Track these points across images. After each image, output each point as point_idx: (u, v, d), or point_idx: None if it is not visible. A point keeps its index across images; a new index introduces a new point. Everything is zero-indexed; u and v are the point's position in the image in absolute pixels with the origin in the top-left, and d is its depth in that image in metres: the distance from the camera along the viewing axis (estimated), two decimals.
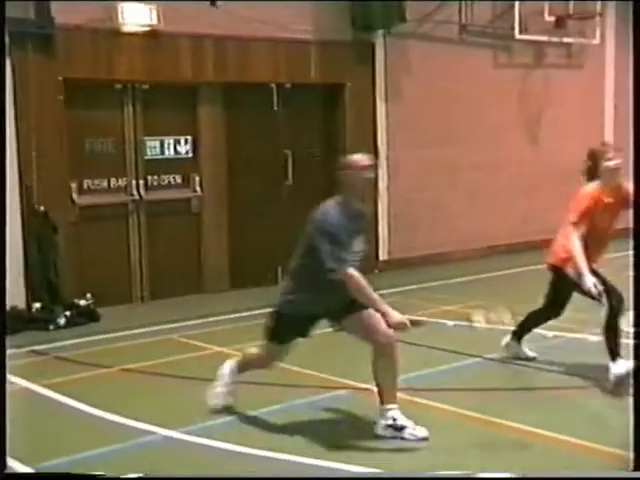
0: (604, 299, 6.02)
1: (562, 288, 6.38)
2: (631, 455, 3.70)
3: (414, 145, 11.53)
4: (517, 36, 12.35)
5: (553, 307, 6.61)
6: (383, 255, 11.47)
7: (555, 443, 5.03)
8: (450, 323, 8.05)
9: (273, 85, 10.65)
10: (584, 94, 13.60)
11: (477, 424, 5.39)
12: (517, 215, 12.70)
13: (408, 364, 6.64)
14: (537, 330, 7.50)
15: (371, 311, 5.04)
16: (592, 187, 6.20)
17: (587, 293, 6.05)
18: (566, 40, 13.03)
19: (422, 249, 11.73)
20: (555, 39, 12.84)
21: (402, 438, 5.06)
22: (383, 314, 4.93)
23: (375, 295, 4.97)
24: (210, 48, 10.00)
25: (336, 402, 5.91)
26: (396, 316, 4.92)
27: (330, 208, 5.05)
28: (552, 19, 12.67)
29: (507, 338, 6.85)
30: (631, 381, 3.99)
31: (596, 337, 7.25)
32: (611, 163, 6.15)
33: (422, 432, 5.08)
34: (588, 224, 6.06)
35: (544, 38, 12.72)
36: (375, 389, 5.26)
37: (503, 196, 12.62)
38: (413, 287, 10.08)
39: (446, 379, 6.42)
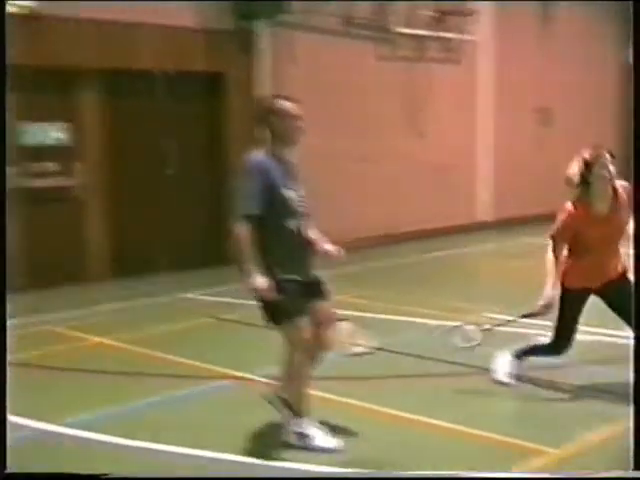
0: (552, 335, 5.79)
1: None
2: (631, 455, 3.82)
3: (301, 136, 11.52)
4: (399, 29, 12.57)
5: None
6: None
7: (429, 428, 5.17)
8: (343, 312, 8.12)
9: (157, 73, 10.53)
10: (460, 89, 13.95)
11: (366, 414, 5.47)
12: (401, 205, 12.93)
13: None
14: (421, 319, 7.71)
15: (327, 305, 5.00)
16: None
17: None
18: (445, 35, 13.33)
19: None
20: (435, 34, 13.11)
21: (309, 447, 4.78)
22: (248, 276, 4.61)
23: (248, 257, 4.63)
24: (93, 33, 9.79)
25: (219, 392, 5.92)
26: (259, 281, 4.59)
27: (255, 156, 4.83)
28: (432, 14, 12.94)
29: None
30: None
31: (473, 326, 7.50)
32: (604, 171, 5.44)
33: (332, 443, 4.80)
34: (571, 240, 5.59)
35: (425, 32, 12.98)
36: (259, 379, 5.22)
37: (387, 186, 12.82)
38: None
39: (330, 368, 6.47)
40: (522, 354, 6.03)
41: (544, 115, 15.34)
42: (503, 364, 6.03)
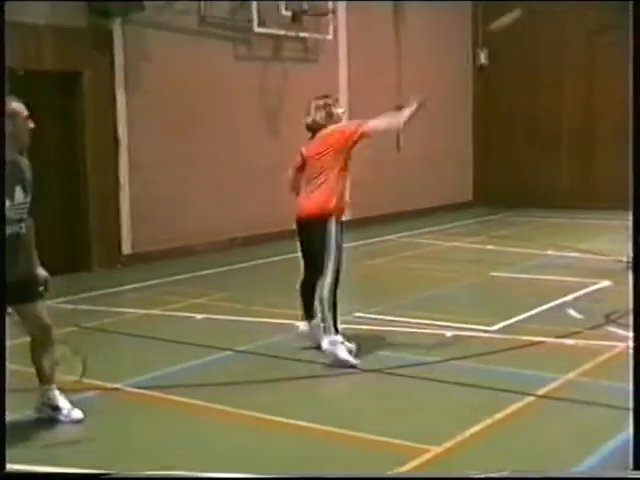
0: (330, 264, 6.29)
1: None
2: (631, 455, 3.82)
3: (155, 136, 11.32)
4: (255, 29, 12.50)
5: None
6: (126, 249, 11.19)
7: (307, 432, 5.13)
8: (199, 316, 8.02)
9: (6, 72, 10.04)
10: (320, 88, 13.96)
11: (234, 418, 5.37)
12: (257, 206, 12.85)
13: (159, 361, 6.59)
14: (283, 320, 7.69)
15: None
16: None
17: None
18: (302, 35, 13.36)
19: (166, 242, 11.56)
20: (292, 33, 13.12)
21: (57, 418, 5.19)
22: None
23: None
24: None
25: (85, 404, 5.69)
26: None
27: None
28: (289, 14, 12.93)
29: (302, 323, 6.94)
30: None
31: (341, 325, 7.56)
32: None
33: (77, 414, 5.20)
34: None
35: (281, 32, 12.96)
36: (127, 389, 5.10)
37: (243, 187, 12.72)
38: (159, 281, 9.91)
39: (199, 374, 6.36)
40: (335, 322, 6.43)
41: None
42: (336, 347, 6.30)
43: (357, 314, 7.99)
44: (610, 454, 4.69)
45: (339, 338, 6.38)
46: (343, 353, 6.31)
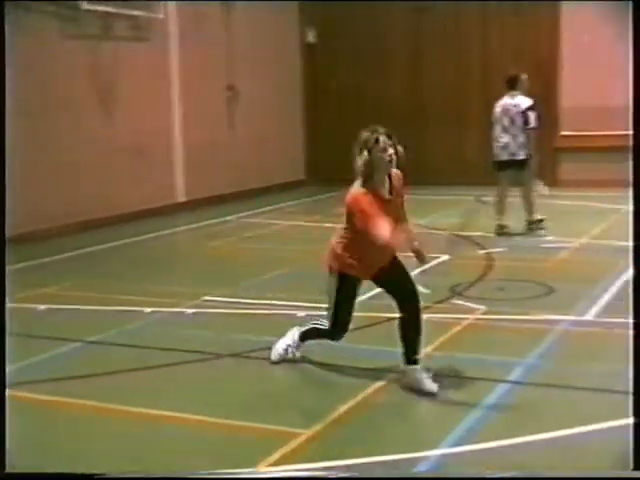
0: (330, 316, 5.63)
1: None
2: (631, 455, 3.76)
3: None
4: (84, 6, 12.02)
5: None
6: None
7: (171, 421, 5.01)
8: (42, 307, 7.67)
9: None
10: (152, 68, 13.68)
11: (97, 413, 5.18)
12: (96, 189, 12.44)
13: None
14: (135, 308, 7.50)
15: None
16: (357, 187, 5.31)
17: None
18: (133, 13, 12.97)
19: (8, 229, 10.93)
20: (122, 11, 12.71)
21: None
22: None
23: None
24: None
25: None
26: None
27: None
28: None
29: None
30: None
31: (191, 309, 7.45)
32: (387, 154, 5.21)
33: None
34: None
35: (111, 9, 12.53)
36: None
37: (82, 169, 12.27)
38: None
39: (50, 368, 6.08)
40: (305, 337, 5.94)
41: (232, 94, 15.47)
42: (287, 339, 5.99)
43: (207, 298, 7.88)
44: (475, 423, 4.84)
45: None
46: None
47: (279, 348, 5.98)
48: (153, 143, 13.64)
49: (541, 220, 11.02)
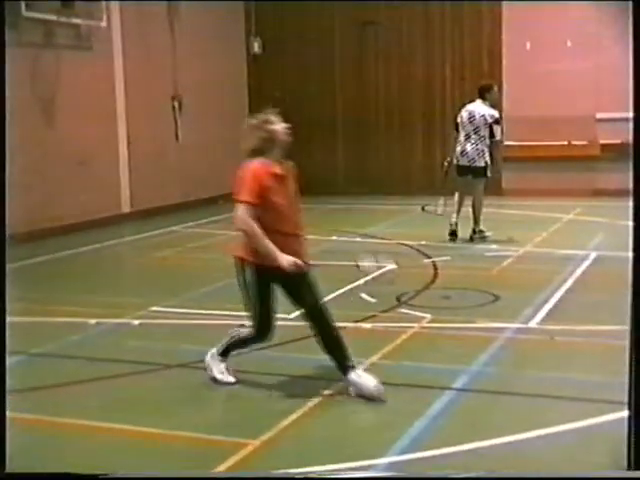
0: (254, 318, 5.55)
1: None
2: (631, 455, 3.74)
3: None
4: (24, 13, 11.87)
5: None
6: None
7: (122, 434, 4.95)
8: None
9: None
10: (95, 77, 13.55)
11: (42, 425, 5.09)
12: (35, 200, 12.25)
13: None
14: (80, 319, 7.40)
15: None
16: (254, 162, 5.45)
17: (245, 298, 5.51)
18: (74, 21, 12.84)
19: None
20: (63, 19, 12.57)
21: None
22: None
23: None
24: None
25: None
26: None
27: None
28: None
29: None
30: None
31: (138, 320, 7.37)
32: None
33: None
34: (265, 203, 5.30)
35: (52, 17, 12.39)
36: None
37: (20, 180, 12.04)
38: None
39: None
40: (228, 350, 5.81)
41: (178, 104, 15.41)
42: (214, 363, 5.79)
43: (153, 308, 7.81)
44: (421, 432, 4.86)
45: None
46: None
47: (218, 378, 5.75)
48: (97, 153, 13.51)
49: (483, 231, 11.21)
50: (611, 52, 14.27)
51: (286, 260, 5.23)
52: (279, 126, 5.57)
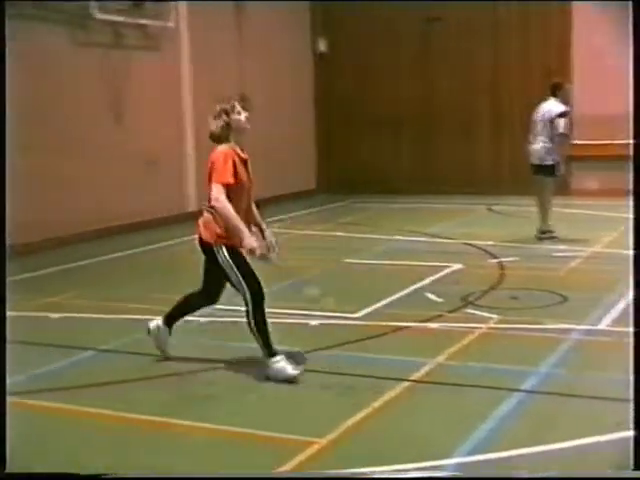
0: (243, 284, 5.80)
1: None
2: (631, 455, 3.75)
3: None
4: (96, 15, 12.06)
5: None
6: None
7: (188, 430, 4.99)
8: (55, 315, 7.68)
9: None
10: (163, 77, 13.72)
11: (111, 421, 5.16)
12: (109, 198, 12.45)
13: (20, 365, 6.22)
14: (146, 316, 7.46)
15: None
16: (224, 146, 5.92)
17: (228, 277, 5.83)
18: (143, 22, 13.01)
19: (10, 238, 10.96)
20: (132, 20, 12.75)
21: None
22: None
23: None
24: None
25: None
26: None
27: None
28: (129, 1, 12.56)
29: (157, 322, 6.32)
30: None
31: (205, 318, 7.41)
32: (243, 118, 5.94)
33: None
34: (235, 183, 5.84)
35: (121, 18, 12.57)
36: None
37: (90, 178, 12.28)
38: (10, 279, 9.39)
39: (65, 376, 6.08)
40: (269, 343, 5.84)
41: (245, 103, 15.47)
42: (275, 365, 5.79)
43: (219, 306, 7.84)
44: (489, 433, 4.81)
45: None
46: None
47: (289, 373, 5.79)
48: (164, 152, 13.66)
49: (552, 231, 11.04)
50: None
51: (251, 243, 5.67)
52: (239, 115, 5.92)
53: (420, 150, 17.17)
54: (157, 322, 6.34)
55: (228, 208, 5.72)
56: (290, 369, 5.76)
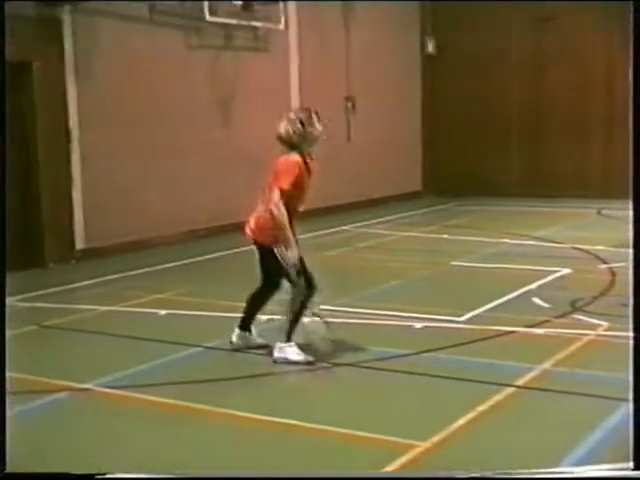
0: (299, 280, 6.10)
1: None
2: (631, 455, 3.75)
3: (107, 127, 11.08)
4: (207, 18, 12.30)
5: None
6: (80, 244, 10.92)
7: (288, 429, 5.04)
8: (162, 312, 7.85)
9: None
10: (271, 78, 13.87)
11: (211, 417, 5.25)
12: (213, 198, 12.68)
13: (127, 359, 6.41)
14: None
15: None
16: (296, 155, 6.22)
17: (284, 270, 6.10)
18: (253, 24, 13.19)
19: (121, 236, 11.30)
20: (243, 22, 12.94)
21: None
22: None
23: None
24: None
25: (57, 405, 5.52)
26: None
27: None
28: (239, 3, 12.75)
29: (236, 332, 6.59)
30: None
31: (306, 318, 7.45)
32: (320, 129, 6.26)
33: None
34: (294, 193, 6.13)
35: (232, 21, 12.77)
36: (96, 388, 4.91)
37: (198, 178, 12.52)
38: (116, 276, 9.67)
39: (171, 371, 6.20)
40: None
41: (351, 105, 15.54)
42: (286, 351, 6.17)
43: (322, 307, 7.88)
44: (597, 444, 4.69)
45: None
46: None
47: (297, 359, 6.14)
48: (271, 153, 13.77)
49: None
50: None
51: (294, 258, 6.03)
52: (315, 127, 6.22)
53: (529, 152, 16.87)
54: (235, 334, 6.58)
55: (285, 218, 6.03)
56: (303, 356, 6.12)
